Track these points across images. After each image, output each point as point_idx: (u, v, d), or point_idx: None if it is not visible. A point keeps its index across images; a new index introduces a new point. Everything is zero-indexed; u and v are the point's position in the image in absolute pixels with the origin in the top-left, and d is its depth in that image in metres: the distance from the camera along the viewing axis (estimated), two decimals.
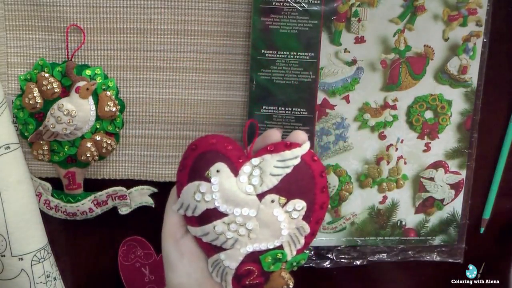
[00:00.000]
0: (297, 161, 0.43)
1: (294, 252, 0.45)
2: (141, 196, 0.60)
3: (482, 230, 0.65)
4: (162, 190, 0.60)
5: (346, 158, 0.59)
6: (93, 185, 0.60)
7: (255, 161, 0.44)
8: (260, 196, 0.43)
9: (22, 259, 0.53)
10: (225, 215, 0.43)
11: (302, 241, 0.45)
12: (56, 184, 0.59)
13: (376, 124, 0.59)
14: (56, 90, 0.55)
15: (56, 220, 0.60)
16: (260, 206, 0.43)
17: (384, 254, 0.63)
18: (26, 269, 0.54)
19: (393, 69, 0.58)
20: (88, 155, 0.57)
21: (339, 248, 0.62)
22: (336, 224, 0.61)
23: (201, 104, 0.59)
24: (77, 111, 0.55)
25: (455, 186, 0.61)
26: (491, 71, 0.59)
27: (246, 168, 0.44)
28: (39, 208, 0.57)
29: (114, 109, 0.56)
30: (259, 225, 0.43)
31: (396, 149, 0.60)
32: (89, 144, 0.56)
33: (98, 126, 0.57)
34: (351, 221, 0.61)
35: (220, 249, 0.44)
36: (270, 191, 0.43)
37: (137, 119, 0.59)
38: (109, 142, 0.57)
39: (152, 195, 0.61)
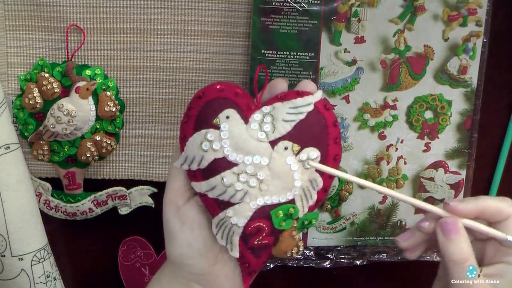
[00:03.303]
0: (310, 107, 0.41)
1: (306, 209, 0.42)
2: (141, 196, 0.60)
3: None
4: (162, 190, 0.60)
5: (346, 158, 0.59)
6: (93, 185, 0.60)
7: (266, 109, 0.41)
8: (273, 144, 0.40)
9: (22, 259, 0.53)
10: (235, 164, 0.40)
11: (315, 196, 0.42)
12: (56, 184, 0.59)
13: (376, 124, 0.59)
14: (56, 90, 0.55)
15: (56, 220, 0.60)
16: (273, 154, 0.40)
17: (384, 254, 0.63)
18: (26, 269, 0.54)
19: (393, 69, 0.58)
20: (88, 155, 0.57)
21: (339, 248, 0.62)
22: (336, 224, 0.61)
23: None
24: (77, 111, 0.55)
25: (455, 186, 0.61)
26: (491, 71, 0.59)
27: (256, 116, 0.41)
28: (39, 208, 0.57)
29: (114, 109, 0.56)
30: (271, 175, 0.40)
31: (396, 149, 0.60)
32: (89, 144, 0.56)
33: (98, 126, 0.57)
34: (351, 221, 0.61)
35: (227, 204, 0.41)
36: (283, 138, 0.41)
37: (137, 119, 0.59)
38: (109, 142, 0.57)
39: (152, 195, 0.61)
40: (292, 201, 0.42)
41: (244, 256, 0.43)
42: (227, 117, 0.40)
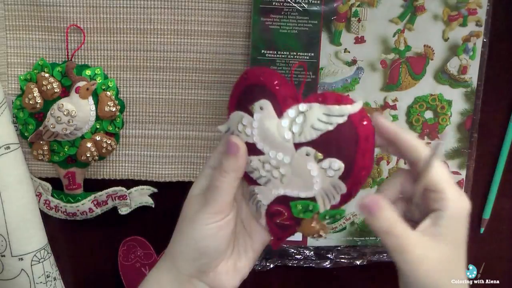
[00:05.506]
0: (342, 119, 0.41)
1: (328, 207, 0.43)
2: (141, 196, 0.60)
3: (482, 230, 0.65)
4: (162, 190, 0.60)
5: None
6: (93, 185, 0.60)
7: (302, 107, 0.42)
8: (297, 146, 0.42)
9: (22, 259, 0.53)
10: (262, 153, 0.43)
11: (338, 198, 0.43)
12: (56, 184, 0.59)
13: None
14: (56, 90, 0.55)
15: (56, 220, 0.60)
16: (295, 155, 0.42)
17: (384, 254, 0.63)
18: (26, 269, 0.54)
19: (393, 69, 0.58)
20: (88, 155, 0.57)
21: (339, 248, 0.62)
22: (336, 224, 0.61)
23: (201, 104, 0.59)
24: (77, 111, 0.55)
25: None
26: (491, 71, 0.59)
27: (291, 112, 0.42)
28: (39, 208, 0.57)
29: (114, 109, 0.56)
30: (292, 172, 0.42)
31: None
32: (89, 144, 0.56)
33: (98, 126, 0.57)
34: (351, 221, 0.61)
35: (255, 182, 0.44)
36: (307, 144, 0.42)
37: (137, 119, 0.59)
38: (109, 142, 0.57)
39: (152, 195, 0.61)
40: (313, 199, 0.43)
41: (270, 228, 0.46)
42: (261, 108, 0.42)
